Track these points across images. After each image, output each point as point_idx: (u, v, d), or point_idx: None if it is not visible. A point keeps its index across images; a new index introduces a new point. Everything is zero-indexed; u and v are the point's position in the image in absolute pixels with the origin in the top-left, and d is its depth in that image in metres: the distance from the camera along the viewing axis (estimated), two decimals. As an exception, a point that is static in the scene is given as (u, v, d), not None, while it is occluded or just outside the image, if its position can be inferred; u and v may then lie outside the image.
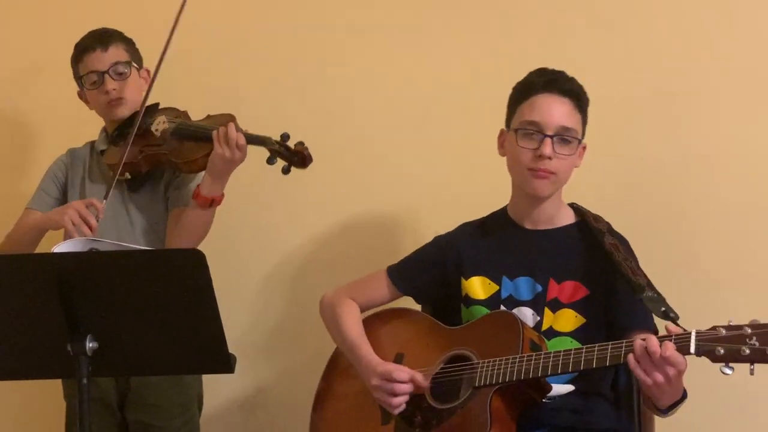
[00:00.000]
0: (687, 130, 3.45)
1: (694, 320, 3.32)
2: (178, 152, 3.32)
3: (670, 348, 2.54)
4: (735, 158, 3.41)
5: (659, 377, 2.56)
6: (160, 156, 3.35)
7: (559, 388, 2.84)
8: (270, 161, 3.21)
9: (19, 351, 2.68)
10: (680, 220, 3.44)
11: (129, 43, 3.46)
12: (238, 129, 3.22)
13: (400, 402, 2.90)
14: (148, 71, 3.46)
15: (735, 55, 3.42)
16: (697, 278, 3.41)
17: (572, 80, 2.96)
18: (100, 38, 3.41)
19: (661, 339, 2.57)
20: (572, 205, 3.04)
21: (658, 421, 3.01)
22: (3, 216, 3.90)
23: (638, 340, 2.58)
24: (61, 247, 2.94)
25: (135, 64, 3.44)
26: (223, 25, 3.84)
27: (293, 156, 3.19)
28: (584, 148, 2.99)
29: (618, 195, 3.46)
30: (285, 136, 3.21)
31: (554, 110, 2.91)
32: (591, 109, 3.47)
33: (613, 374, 2.97)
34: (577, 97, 2.94)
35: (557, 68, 3.00)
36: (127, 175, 3.37)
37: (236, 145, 3.19)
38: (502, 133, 3.02)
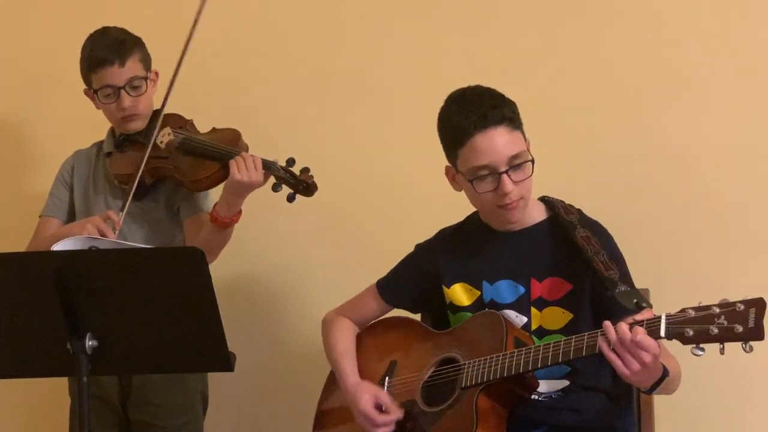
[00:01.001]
0: (687, 126, 3.44)
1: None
2: (182, 170, 3.31)
3: (640, 332, 2.53)
4: (736, 154, 3.40)
5: (635, 365, 2.55)
6: (164, 170, 3.33)
7: (552, 384, 2.84)
8: (275, 188, 3.21)
9: (19, 349, 2.68)
10: (681, 216, 3.43)
11: (142, 50, 3.40)
12: (244, 149, 3.23)
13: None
14: (156, 73, 3.44)
15: (736, 51, 3.42)
16: (698, 275, 3.40)
17: (496, 103, 2.86)
18: (118, 51, 3.33)
19: (632, 325, 2.56)
20: (542, 199, 3.01)
21: (659, 417, 3.01)
22: (5, 216, 3.92)
23: (610, 328, 2.57)
24: (61, 245, 2.94)
25: (148, 74, 3.40)
26: (239, 39, 3.82)
27: (299, 184, 3.20)
28: (528, 143, 2.92)
29: (618, 192, 3.45)
30: (290, 162, 3.21)
31: (497, 146, 2.82)
32: (592, 106, 3.48)
33: (611, 369, 2.94)
34: (510, 118, 2.85)
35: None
36: (131, 186, 3.33)
37: (254, 167, 3.18)
38: (448, 170, 2.96)
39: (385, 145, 3.69)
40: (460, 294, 2.98)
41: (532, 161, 2.86)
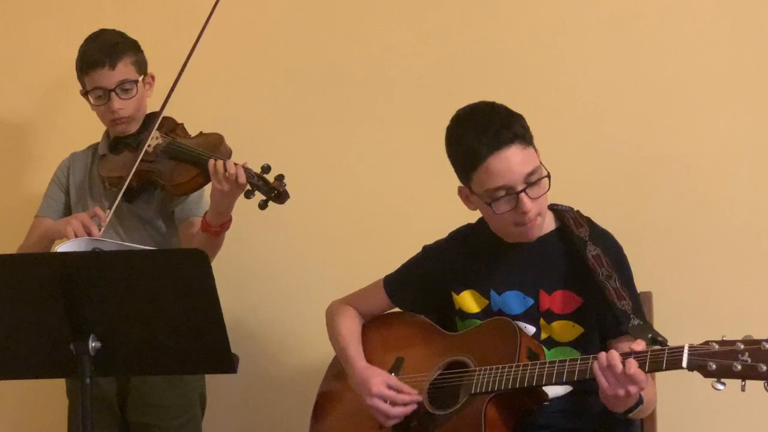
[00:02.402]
0: (689, 128, 3.44)
1: (695, 319, 3.35)
2: (164, 174, 3.29)
3: (633, 366, 2.55)
4: (740, 156, 3.39)
5: (621, 391, 2.58)
6: (150, 173, 3.32)
7: (557, 390, 2.83)
8: (248, 195, 3.18)
9: (22, 350, 2.68)
10: (684, 219, 3.43)
11: (135, 52, 3.39)
12: (227, 154, 3.21)
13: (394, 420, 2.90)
14: (153, 77, 3.43)
15: (737, 53, 3.41)
16: (701, 278, 3.40)
17: (507, 122, 2.81)
18: (109, 53, 3.33)
19: (624, 356, 2.57)
20: (552, 207, 2.97)
21: (661, 420, 3.02)
22: (4, 216, 3.91)
23: (615, 357, 2.58)
24: (65, 247, 2.94)
25: (140, 76, 3.39)
26: (234, 43, 3.81)
27: (270, 191, 3.16)
28: (539, 154, 2.88)
29: (621, 194, 3.45)
30: (266, 168, 3.17)
31: (512, 166, 2.77)
32: (593, 108, 3.47)
33: None
34: (521, 135, 2.80)
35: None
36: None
37: (236, 181, 3.15)
38: (461, 190, 2.91)
39: (385, 146, 3.69)
40: (469, 301, 2.97)
41: (548, 176, 2.82)
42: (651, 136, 3.46)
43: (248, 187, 3.17)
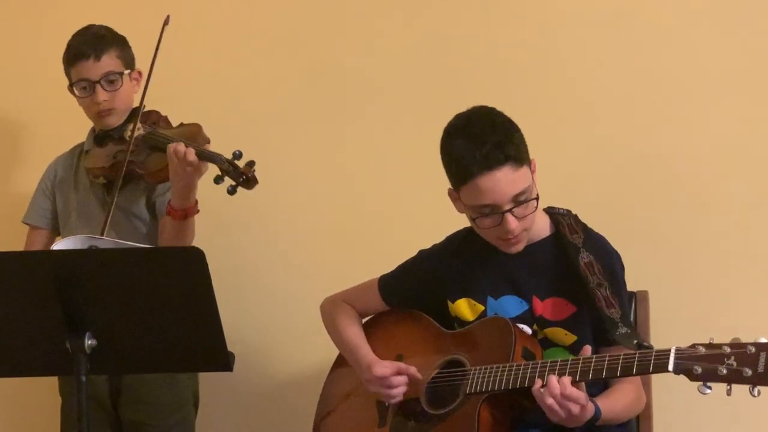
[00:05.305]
0: (684, 128, 3.45)
1: (691, 319, 3.36)
2: (142, 163, 3.30)
3: (568, 385, 2.57)
4: (736, 155, 3.40)
5: (560, 414, 2.59)
6: (130, 164, 3.30)
7: None
8: (217, 180, 3.17)
9: (17, 348, 2.68)
10: (680, 218, 3.43)
11: (122, 46, 3.41)
12: (190, 144, 3.18)
13: (398, 392, 2.90)
14: (140, 72, 3.44)
15: (731, 53, 3.42)
16: (697, 277, 3.41)
17: (500, 140, 2.75)
18: (94, 45, 3.35)
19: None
20: (548, 210, 2.96)
21: (657, 418, 3.03)
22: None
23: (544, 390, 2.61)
24: (60, 245, 2.94)
25: (127, 70, 3.40)
26: (225, 37, 3.83)
27: (239, 176, 3.15)
28: (534, 163, 2.85)
29: (617, 193, 3.46)
30: (237, 154, 3.17)
31: (501, 186, 2.74)
32: (591, 107, 3.47)
33: None
34: (513, 157, 2.75)
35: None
36: (102, 180, 3.36)
37: (185, 160, 3.15)
38: (451, 192, 2.88)
39: (381, 145, 3.69)
40: (464, 309, 2.95)
41: (537, 198, 2.80)
42: (646, 136, 3.47)
43: (218, 172, 3.17)
